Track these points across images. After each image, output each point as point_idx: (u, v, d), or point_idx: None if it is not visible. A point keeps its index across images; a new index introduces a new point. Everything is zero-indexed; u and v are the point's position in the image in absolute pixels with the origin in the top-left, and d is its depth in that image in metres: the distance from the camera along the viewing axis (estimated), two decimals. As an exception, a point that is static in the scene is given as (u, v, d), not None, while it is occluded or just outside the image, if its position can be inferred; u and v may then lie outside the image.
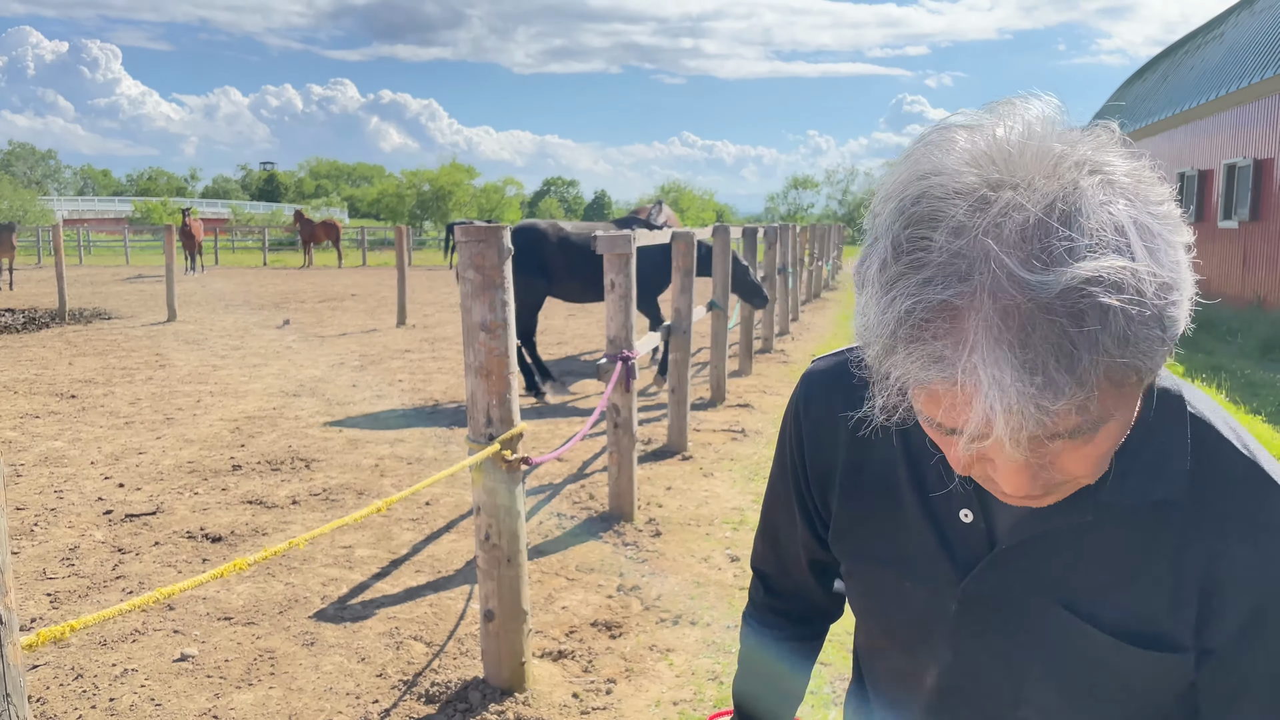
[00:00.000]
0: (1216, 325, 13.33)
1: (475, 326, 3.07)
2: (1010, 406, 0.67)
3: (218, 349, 11.63)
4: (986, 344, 0.66)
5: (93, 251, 42.81)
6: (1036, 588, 0.91)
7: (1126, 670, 0.89)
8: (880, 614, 1.06)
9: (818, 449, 1.07)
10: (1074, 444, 0.74)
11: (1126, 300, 0.66)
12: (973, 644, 0.96)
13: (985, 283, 0.66)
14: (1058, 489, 0.80)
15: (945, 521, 0.96)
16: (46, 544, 4.64)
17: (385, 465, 6.12)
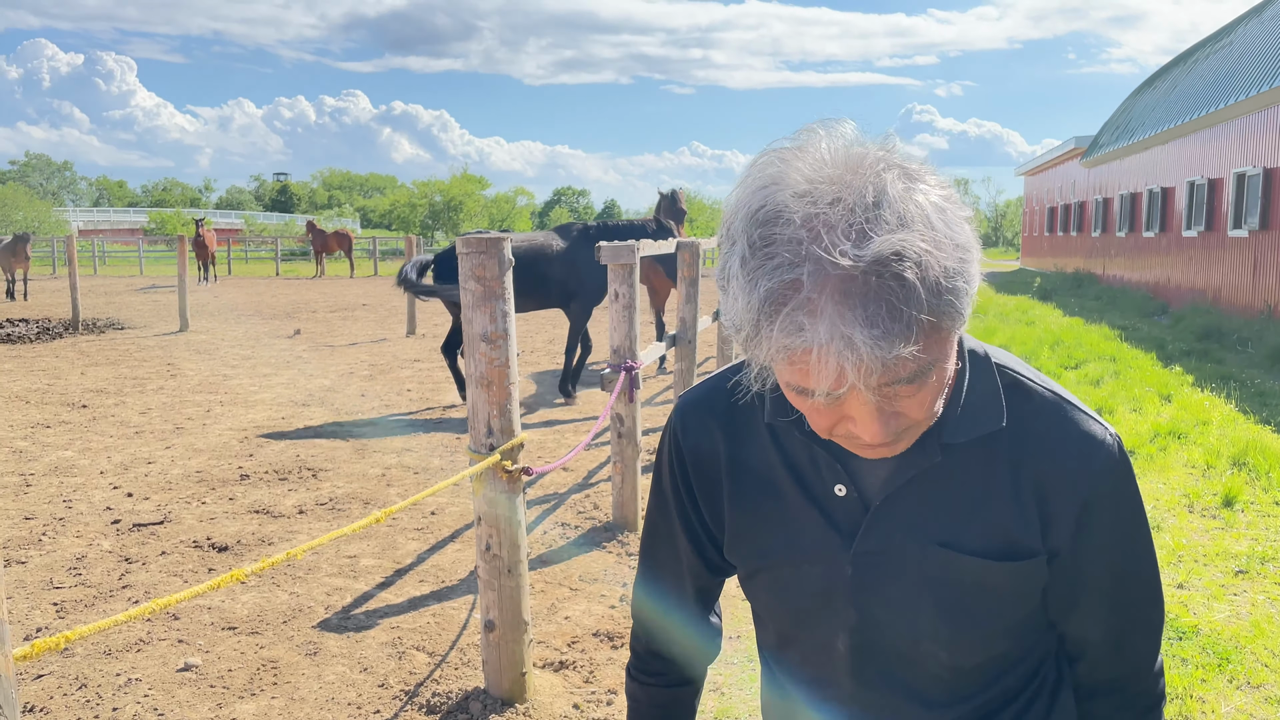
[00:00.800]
0: (1226, 334, 13.26)
1: (476, 337, 3.08)
2: (860, 358, 0.82)
3: (229, 359, 11.69)
4: (832, 309, 0.81)
5: (107, 262, 43.11)
6: (912, 533, 1.06)
7: (997, 585, 1.05)
8: (784, 604, 1.16)
9: (700, 466, 1.18)
10: (912, 389, 0.89)
11: (932, 260, 0.83)
12: (871, 599, 1.09)
13: (824, 261, 0.82)
14: (906, 434, 0.95)
15: (824, 500, 1.09)
16: (54, 553, 4.67)
17: (392, 475, 6.15)
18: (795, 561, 1.12)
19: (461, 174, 79.15)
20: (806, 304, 0.82)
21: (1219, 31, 20.44)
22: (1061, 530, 1.05)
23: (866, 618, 1.10)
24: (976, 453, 1.05)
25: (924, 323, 0.84)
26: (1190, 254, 17.87)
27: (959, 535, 1.05)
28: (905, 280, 0.82)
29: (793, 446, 1.11)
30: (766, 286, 0.84)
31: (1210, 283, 16.60)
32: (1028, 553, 1.05)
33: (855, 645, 1.12)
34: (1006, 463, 1.05)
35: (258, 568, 2.04)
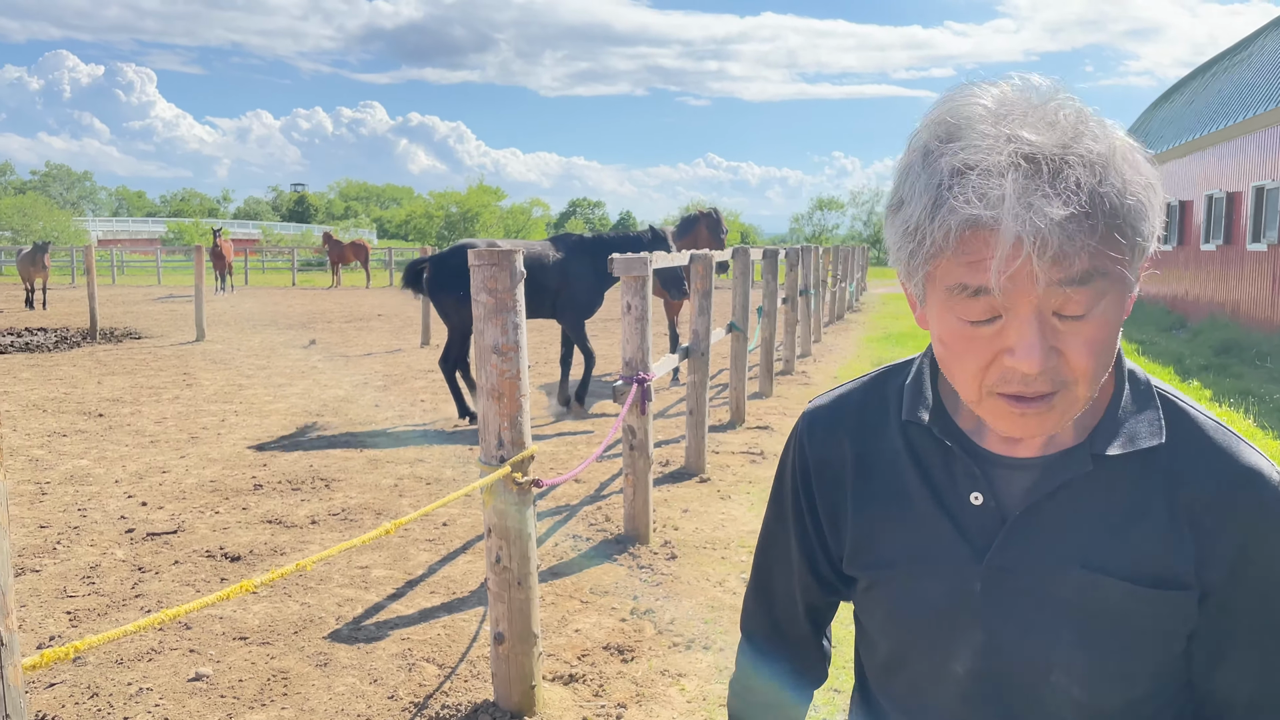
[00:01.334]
0: (1245, 349, 13.15)
1: (488, 349, 3.09)
2: (1039, 228, 0.82)
3: (244, 368, 11.75)
4: (1019, 181, 0.83)
5: (126, 271, 43.46)
6: (1052, 551, 0.99)
7: (1142, 616, 0.97)
8: (902, 619, 1.09)
9: (824, 473, 1.14)
10: (1081, 298, 0.87)
11: (1124, 167, 0.87)
12: (1001, 620, 1.01)
13: (1017, 139, 0.85)
14: (1061, 401, 0.91)
15: (956, 509, 1.03)
16: (68, 562, 4.69)
17: (404, 485, 6.16)
18: (919, 573, 1.06)
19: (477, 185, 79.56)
20: (993, 174, 0.84)
21: (1237, 44, 20.35)
22: (1216, 567, 0.97)
23: (994, 640, 1.02)
24: (1130, 471, 0.99)
25: (1107, 221, 0.85)
26: (1209, 268, 17.76)
27: (1105, 557, 0.98)
28: (1094, 167, 0.85)
29: (927, 451, 1.07)
30: (952, 163, 0.87)
31: (1229, 297, 16.48)
32: (1179, 584, 0.97)
33: (977, 670, 1.03)
34: (1162, 485, 0.98)
35: (267, 579, 2.04)
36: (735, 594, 4.36)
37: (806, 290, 12.86)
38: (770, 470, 6.68)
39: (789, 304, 11.73)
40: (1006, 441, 1.03)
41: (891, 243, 0.95)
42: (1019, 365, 0.89)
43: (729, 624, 4.03)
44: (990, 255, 0.86)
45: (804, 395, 9.98)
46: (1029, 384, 0.90)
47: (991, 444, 1.04)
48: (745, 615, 1.30)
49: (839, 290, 20.25)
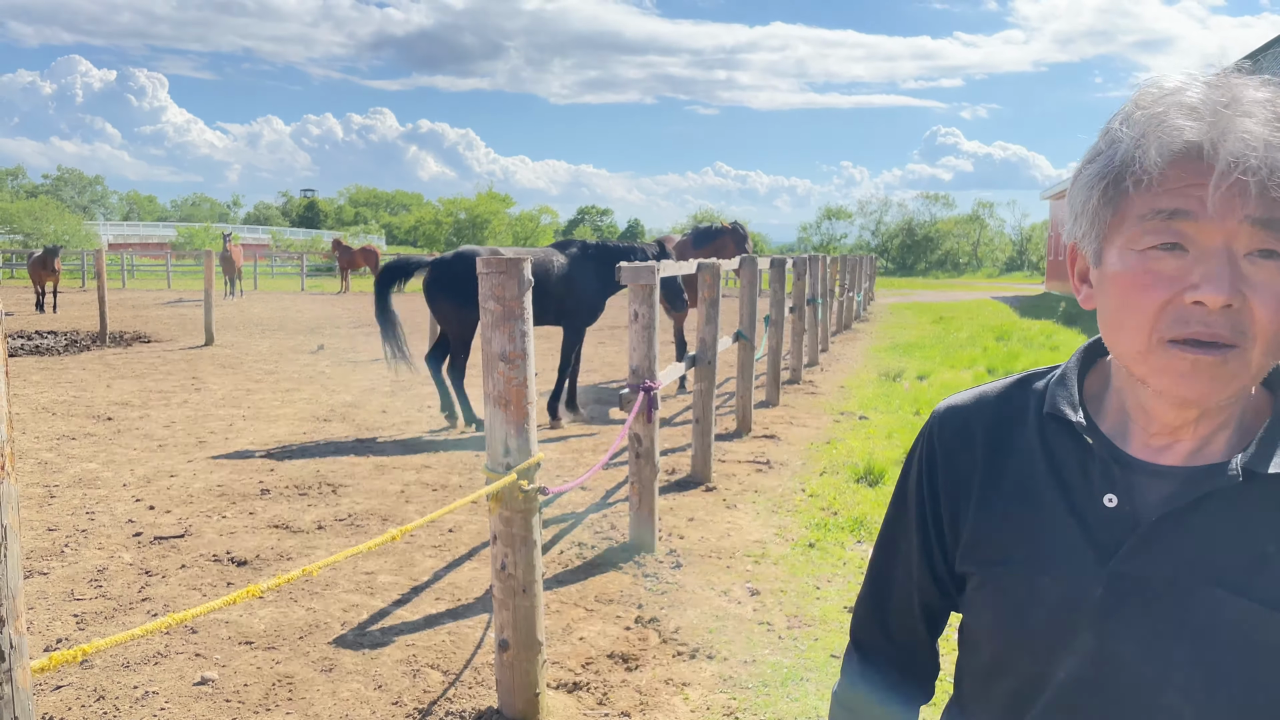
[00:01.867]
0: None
1: (495, 356, 3.10)
2: (1255, 149, 0.85)
3: (252, 373, 11.80)
4: (1237, 115, 0.87)
5: (136, 275, 43.64)
6: (1186, 565, 0.95)
7: (1273, 643, 0.91)
8: (1010, 620, 1.05)
9: (952, 467, 1.12)
10: (1269, 268, 0.87)
11: None
12: (1118, 629, 0.97)
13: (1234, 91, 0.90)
14: (1236, 359, 0.89)
15: (1087, 510, 1.00)
16: (76, 565, 4.71)
17: (411, 491, 6.17)
18: (1035, 572, 1.02)
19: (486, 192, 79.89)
20: (1209, 104, 0.89)
21: (1247, 57, 20.31)
22: None
23: (1107, 648, 0.98)
24: (1278, 492, 0.94)
25: None
26: (1217, 280, 17.68)
27: (1240, 577, 0.93)
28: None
29: (1063, 449, 1.04)
30: (1168, 101, 0.91)
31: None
32: None
33: (1083, 679, 0.99)
34: None
35: (274, 584, 2.05)
36: (740, 603, 4.36)
37: (814, 299, 12.86)
38: (775, 480, 6.68)
39: (796, 313, 11.74)
40: (1150, 447, 1.01)
41: (1077, 198, 0.97)
42: (1203, 296, 0.87)
43: (733, 633, 4.03)
44: (1193, 180, 0.87)
45: (811, 404, 9.98)
46: (1209, 323, 0.88)
47: (1135, 449, 1.02)
48: (856, 621, 1.27)
49: (846, 299, 20.25)
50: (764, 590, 4.52)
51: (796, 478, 6.74)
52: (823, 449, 7.72)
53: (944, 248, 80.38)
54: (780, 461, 7.24)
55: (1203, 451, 0.99)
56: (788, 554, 5.05)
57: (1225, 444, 0.99)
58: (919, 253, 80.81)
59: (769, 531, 5.46)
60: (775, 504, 6.05)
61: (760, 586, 4.57)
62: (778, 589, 4.54)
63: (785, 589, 4.54)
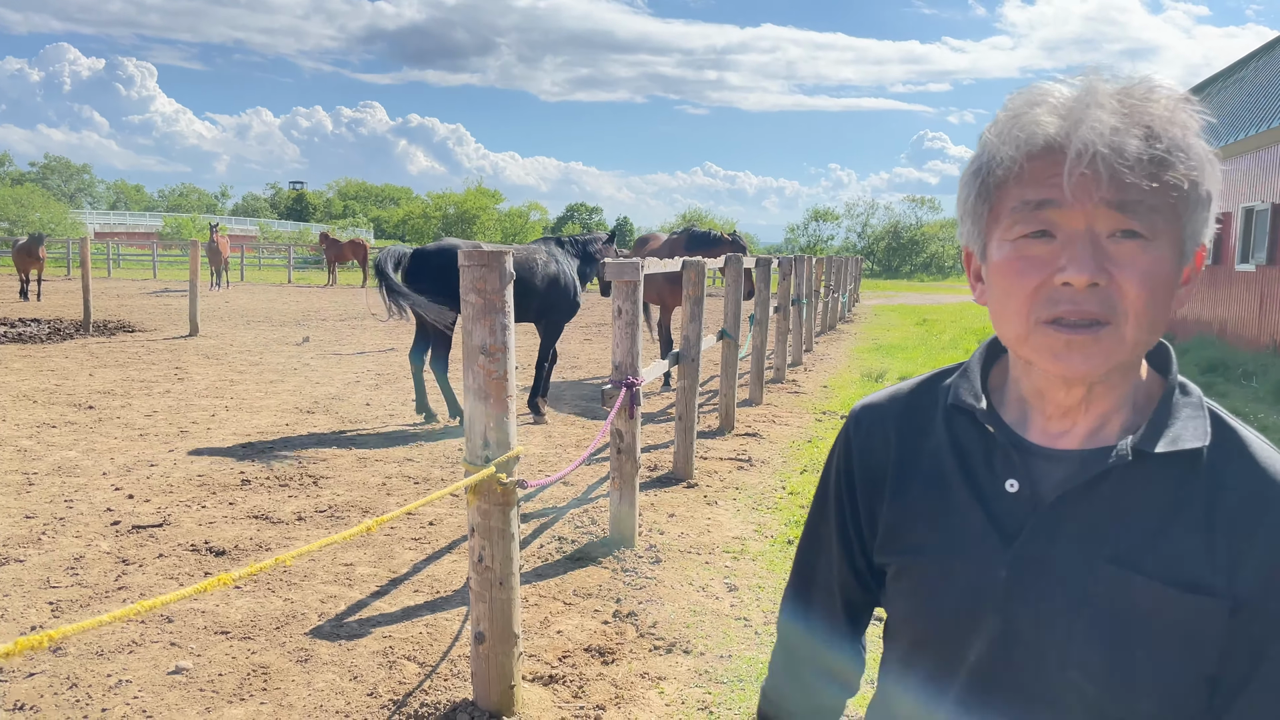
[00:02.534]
0: (1232, 368, 13.22)
1: (475, 349, 3.11)
2: (1103, 135, 0.91)
3: (236, 364, 11.75)
4: (1088, 106, 0.93)
5: (122, 265, 43.37)
6: (1083, 544, 0.98)
7: (1170, 618, 0.95)
8: (926, 606, 1.09)
9: (867, 463, 1.16)
10: (1131, 252, 0.93)
11: (1195, 135, 0.94)
12: (1023, 609, 1.00)
13: (1093, 90, 0.95)
14: (1108, 337, 0.94)
15: (991, 496, 1.04)
16: (53, 553, 4.69)
17: (392, 484, 6.16)
18: (947, 559, 1.06)
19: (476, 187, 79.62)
20: (1065, 100, 0.95)
21: (1231, 67, 20.46)
22: (1249, 578, 0.94)
23: (1012, 630, 1.01)
24: (1171, 472, 0.98)
25: (1166, 155, 0.92)
26: (1197, 286, 17.83)
27: (1135, 554, 0.97)
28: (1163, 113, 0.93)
29: (969, 439, 1.09)
30: (1027, 97, 0.98)
31: (1217, 316, 16.56)
32: (1209, 590, 0.94)
33: (991, 659, 1.02)
34: (1203, 489, 0.97)
35: (246, 572, 2.05)
36: (718, 599, 4.38)
37: (799, 299, 12.89)
38: (757, 477, 6.70)
39: (781, 313, 11.76)
40: (1049, 433, 1.04)
41: (960, 200, 1.03)
42: (1069, 277, 0.93)
43: (710, 628, 4.04)
44: (1054, 171, 0.93)
45: (794, 403, 10.01)
46: (1078, 303, 0.94)
47: (1034, 435, 1.05)
48: (782, 611, 1.30)
49: (831, 300, 20.30)
50: (742, 586, 4.54)
51: (777, 475, 6.77)
52: (804, 447, 7.74)
53: (929, 251, 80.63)
54: (762, 459, 7.26)
55: (1098, 434, 1.03)
56: (766, 550, 5.07)
57: (1119, 427, 1.03)
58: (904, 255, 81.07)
59: (748, 528, 5.48)
60: (756, 501, 6.07)
61: (738, 582, 4.58)
62: (755, 585, 4.56)
63: (763, 585, 4.55)
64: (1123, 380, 1.03)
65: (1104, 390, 1.02)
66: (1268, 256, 14.40)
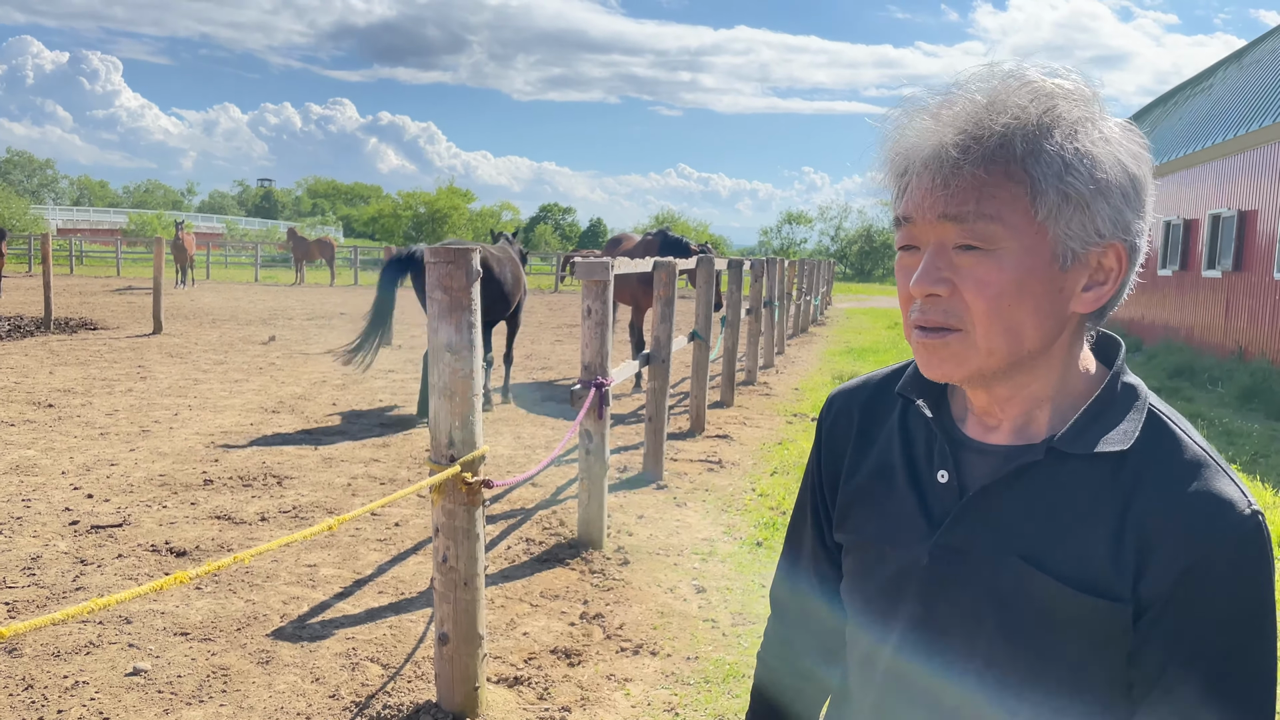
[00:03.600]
0: (1198, 373, 13.41)
1: (441, 347, 3.07)
2: (938, 153, 0.92)
3: (200, 363, 11.60)
4: (931, 118, 0.95)
5: (85, 262, 42.72)
6: (997, 538, 1.00)
7: (1069, 618, 0.96)
8: (861, 587, 1.13)
9: (833, 446, 1.21)
10: (973, 263, 0.94)
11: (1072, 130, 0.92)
12: (939, 597, 1.03)
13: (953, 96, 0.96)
14: (956, 342, 0.97)
15: (926, 485, 1.08)
16: (9, 553, 4.60)
17: (358, 485, 6.10)
18: (882, 543, 1.10)
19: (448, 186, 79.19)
20: (918, 112, 0.97)
21: (1199, 75, 20.79)
22: (1153, 586, 0.93)
23: (930, 615, 1.04)
24: (1090, 473, 0.98)
25: (1008, 162, 0.92)
26: (1165, 292, 18.08)
27: (1043, 552, 0.97)
28: (1016, 117, 0.92)
29: (916, 429, 1.12)
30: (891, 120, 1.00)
31: (1184, 321, 16.79)
32: (1111, 594, 0.94)
33: (908, 644, 1.06)
34: (1119, 494, 0.96)
35: (202, 571, 2.01)
36: (686, 600, 4.36)
37: (771, 302, 12.93)
38: (727, 479, 6.69)
39: (753, 315, 11.78)
40: (983, 427, 1.07)
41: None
42: (911, 288, 0.98)
43: (678, 630, 4.03)
44: (904, 186, 0.97)
45: (765, 406, 10.02)
46: (924, 311, 0.97)
47: (970, 429, 1.08)
48: (774, 584, 1.33)
49: (804, 303, 20.37)
50: (710, 588, 4.53)
51: (747, 477, 6.77)
52: (774, 449, 7.75)
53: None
54: (732, 461, 7.26)
55: (1025, 431, 1.05)
56: (735, 552, 5.07)
57: (1047, 423, 1.04)
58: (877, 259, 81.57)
59: (718, 530, 5.47)
60: (725, 503, 6.06)
61: (706, 584, 4.57)
62: (724, 586, 4.55)
63: (731, 586, 4.55)
64: (1031, 378, 1.02)
65: (1006, 392, 1.03)
66: (1234, 263, 14.62)
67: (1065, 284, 0.96)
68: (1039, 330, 0.97)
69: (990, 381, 1.01)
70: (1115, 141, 0.95)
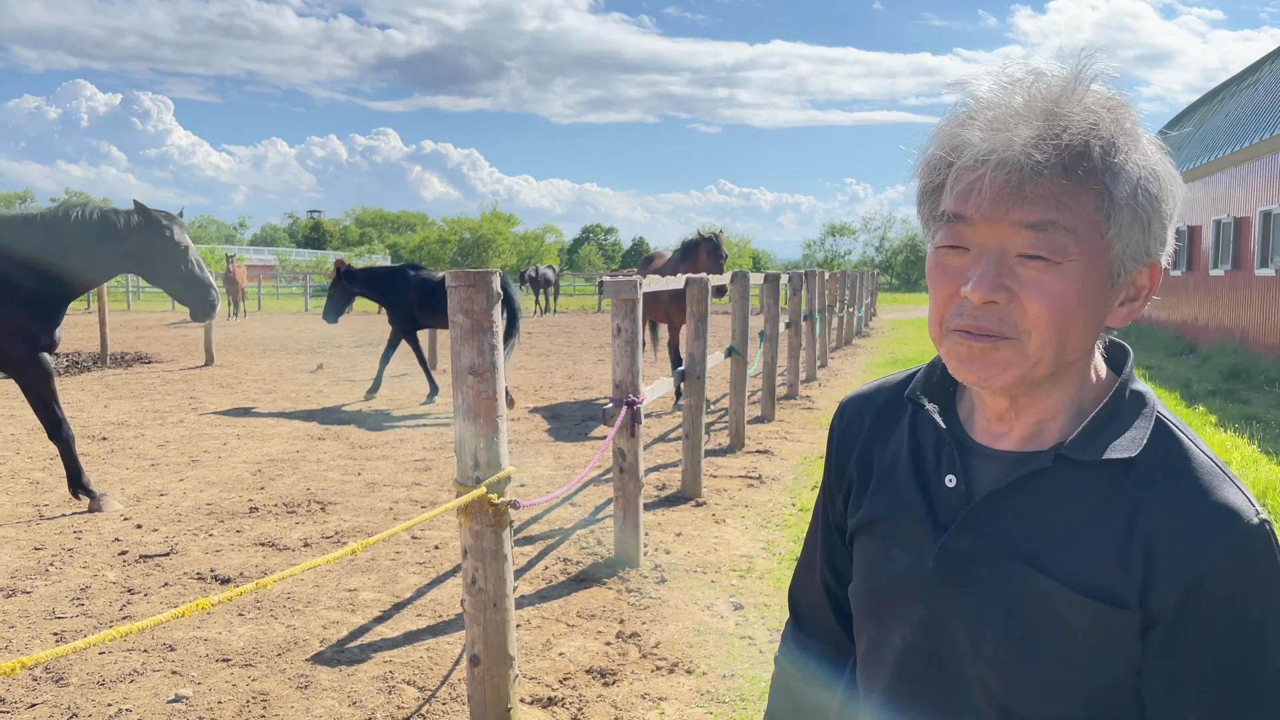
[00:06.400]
0: (1254, 374, 13.06)
1: (464, 370, 3.10)
2: (1007, 153, 0.89)
3: (250, 392, 11.81)
4: (1001, 115, 0.92)
5: (142, 297, 43.80)
6: (1004, 543, 1.00)
7: (1075, 624, 0.95)
8: (865, 587, 1.13)
9: (844, 447, 1.21)
10: (1038, 272, 0.92)
11: (1134, 145, 0.93)
12: (944, 601, 1.03)
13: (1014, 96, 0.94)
14: (1008, 349, 0.94)
15: (934, 489, 1.08)
16: (60, 583, 4.71)
17: (399, 509, 6.16)
18: (888, 544, 1.10)
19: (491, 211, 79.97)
20: (983, 112, 0.94)
21: (1246, 70, 20.34)
22: (1164, 595, 0.92)
23: (935, 621, 1.04)
24: (1097, 480, 0.98)
25: (1084, 173, 0.90)
26: (1217, 293, 17.67)
27: (1050, 558, 0.97)
28: (1086, 123, 0.90)
29: (925, 433, 1.12)
30: (945, 126, 0.97)
31: (1238, 322, 16.38)
32: (1118, 601, 0.94)
33: (912, 646, 1.06)
34: (1127, 501, 0.96)
35: (224, 597, 2.05)
36: (723, 618, 4.34)
37: (811, 315, 12.85)
38: (767, 495, 6.65)
39: (793, 328, 11.72)
40: (991, 434, 1.06)
41: (916, 191, 1.04)
42: (968, 292, 0.94)
43: (714, 648, 4.00)
44: (971, 188, 0.93)
45: (806, 420, 9.95)
46: (977, 318, 0.95)
47: (978, 434, 1.08)
48: (793, 583, 1.35)
49: (847, 315, 20.23)
50: (748, 604, 4.50)
51: (788, 492, 6.72)
52: (816, 464, 7.69)
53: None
54: (772, 476, 7.22)
55: (1035, 438, 1.04)
56: (774, 568, 5.03)
57: (1058, 431, 1.03)
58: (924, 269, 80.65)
59: (756, 546, 5.44)
60: (765, 519, 6.02)
61: (744, 601, 4.54)
62: (762, 603, 4.52)
63: (769, 603, 4.51)
64: (1054, 389, 1.02)
65: (1030, 401, 1.03)
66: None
67: (1110, 300, 0.97)
68: (1082, 344, 0.97)
69: (1020, 390, 1.00)
70: (1164, 159, 0.96)
